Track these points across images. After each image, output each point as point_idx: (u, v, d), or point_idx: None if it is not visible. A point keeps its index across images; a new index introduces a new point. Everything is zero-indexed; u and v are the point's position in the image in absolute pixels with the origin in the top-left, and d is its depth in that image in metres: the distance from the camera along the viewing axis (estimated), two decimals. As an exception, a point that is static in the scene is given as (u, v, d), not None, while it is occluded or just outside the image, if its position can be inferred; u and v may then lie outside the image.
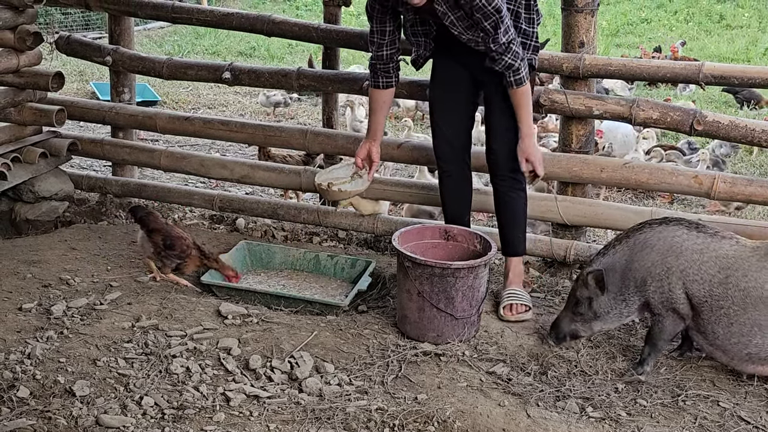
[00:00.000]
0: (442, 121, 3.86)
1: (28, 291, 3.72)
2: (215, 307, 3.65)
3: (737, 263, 3.10)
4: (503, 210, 3.83)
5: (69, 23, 12.54)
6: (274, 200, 4.93)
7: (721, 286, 3.10)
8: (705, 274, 3.12)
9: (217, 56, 11.31)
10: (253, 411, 2.93)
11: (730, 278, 3.09)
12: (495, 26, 3.42)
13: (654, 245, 3.20)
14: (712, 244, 3.15)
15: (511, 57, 3.50)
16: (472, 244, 3.71)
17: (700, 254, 3.14)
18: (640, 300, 3.26)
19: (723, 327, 3.12)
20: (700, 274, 3.13)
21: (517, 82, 3.55)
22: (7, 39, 4.36)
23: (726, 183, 4.02)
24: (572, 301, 3.37)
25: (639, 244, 3.24)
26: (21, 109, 4.58)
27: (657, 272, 3.18)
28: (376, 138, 3.94)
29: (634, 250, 3.24)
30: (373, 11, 3.67)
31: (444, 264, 3.42)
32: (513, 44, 3.48)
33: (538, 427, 2.89)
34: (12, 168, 4.39)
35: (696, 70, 3.99)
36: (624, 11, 15.89)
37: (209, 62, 5.02)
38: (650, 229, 3.26)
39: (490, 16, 3.40)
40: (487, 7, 3.38)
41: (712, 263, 3.13)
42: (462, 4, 3.41)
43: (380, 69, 3.81)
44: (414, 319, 3.48)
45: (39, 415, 2.82)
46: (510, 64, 3.51)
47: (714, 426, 2.98)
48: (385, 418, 2.90)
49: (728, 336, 3.12)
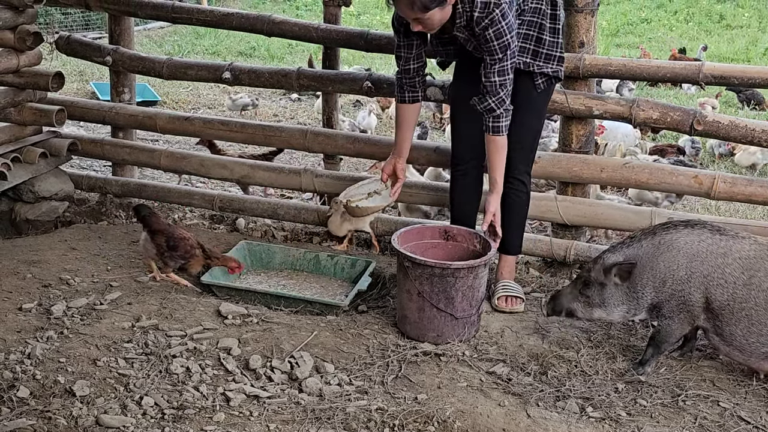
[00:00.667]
0: (463, 120, 3.86)
1: (28, 291, 3.72)
2: (215, 307, 3.65)
3: (758, 263, 3.10)
4: (506, 210, 3.83)
5: (69, 23, 12.55)
6: (274, 200, 4.93)
7: (744, 287, 3.10)
8: (729, 276, 3.12)
9: (217, 56, 11.31)
10: (253, 411, 2.93)
11: (753, 279, 3.09)
12: (493, 63, 3.46)
13: (681, 248, 3.19)
14: (734, 246, 3.15)
15: (496, 101, 3.51)
16: (472, 244, 3.72)
17: (723, 257, 3.14)
18: (653, 300, 3.24)
19: (743, 328, 3.12)
20: (724, 277, 3.12)
21: (494, 129, 3.56)
22: (7, 39, 4.36)
23: (726, 183, 4.02)
24: (582, 280, 3.35)
25: (665, 244, 3.22)
26: (21, 109, 4.58)
27: (680, 275, 3.17)
28: (402, 155, 3.91)
29: (660, 249, 3.22)
30: (400, 26, 3.64)
31: (444, 264, 3.42)
32: (502, 90, 3.50)
33: (538, 427, 2.89)
34: (12, 168, 4.39)
35: (696, 70, 4.00)
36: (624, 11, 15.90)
37: (209, 62, 5.02)
38: (676, 230, 3.24)
39: (494, 54, 3.44)
40: (494, 43, 3.41)
41: (736, 265, 3.12)
42: (477, 34, 3.44)
43: (406, 83, 3.79)
44: (414, 319, 3.48)
45: (39, 415, 2.82)
46: (492, 108, 3.53)
47: (714, 426, 2.98)
48: (385, 418, 2.90)
49: (747, 336, 3.12)
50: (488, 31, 3.39)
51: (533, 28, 3.64)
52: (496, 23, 3.38)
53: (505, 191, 3.82)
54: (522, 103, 3.69)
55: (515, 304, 3.82)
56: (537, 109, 3.78)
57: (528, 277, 4.22)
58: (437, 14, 3.40)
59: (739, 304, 3.11)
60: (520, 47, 3.62)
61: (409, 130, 3.91)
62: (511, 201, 3.83)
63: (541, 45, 3.66)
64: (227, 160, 4.99)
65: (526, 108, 3.73)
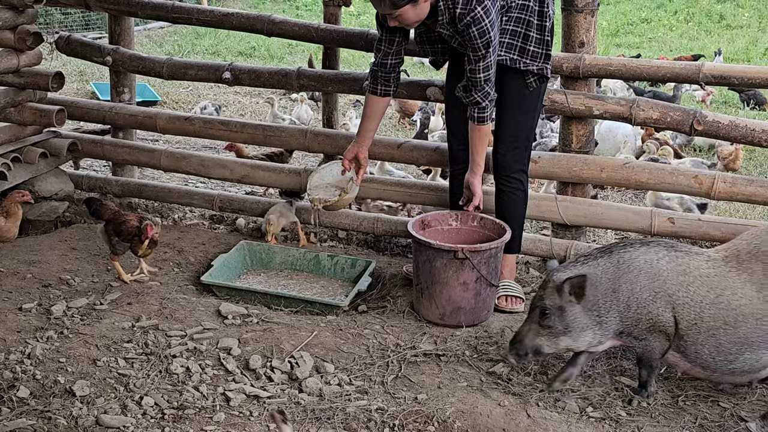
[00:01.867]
0: (457, 119, 3.88)
1: (28, 291, 3.72)
2: (215, 307, 3.65)
3: (723, 282, 2.96)
4: (504, 208, 3.85)
5: (69, 23, 12.54)
6: (274, 200, 4.92)
7: (713, 306, 2.95)
8: (694, 295, 2.97)
9: (217, 56, 11.30)
10: (253, 411, 2.93)
11: (720, 298, 2.95)
12: (478, 60, 3.48)
13: (642, 268, 3.01)
14: (692, 263, 3.00)
15: (481, 95, 3.56)
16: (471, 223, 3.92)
17: (684, 275, 2.98)
18: (618, 326, 3.04)
19: (710, 347, 2.97)
20: (689, 296, 2.97)
21: (479, 119, 3.63)
22: (7, 39, 4.36)
23: (726, 183, 4.02)
24: (538, 311, 3.07)
25: (624, 264, 3.02)
26: (21, 109, 4.57)
27: (644, 297, 2.99)
28: (365, 143, 3.95)
29: (620, 270, 3.02)
30: (384, 21, 3.66)
31: (498, 243, 3.64)
32: (487, 84, 3.54)
33: (538, 427, 2.89)
34: (12, 168, 4.38)
35: (696, 70, 4.00)
36: (624, 11, 15.89)
37: (209, 62, 5.02)
38: (633, 249, 3.05)
39: (478, 50, 3.46)
40: (477, 41, 3.44)
41: (699, 283, 2.97)
42: (460, 31, 3.45)
43: (381, 77, 3.83)
44: (470, 307, 3.62)
45: (39, 415, 2.82)
46: (477, 101, 3.58)
47: (714, 426, 2.98)
48: (385, 418, 2.90)
49: (714, 354, 2.98)
50: (471, 28, 3.41)
51: (520, 25, 3.64)
52: (479, 20, 3.39)
53: (503, 190, 3.85)
54: (514, 102, 3.72)
55: (515, 304, 3.83)
56: (529, 108, 3.79)
57: (528, 277, 4.22)
58: (410, 11, 3.44)
59: (707, 324, 2.96)
60: (507, 44, 3.63)
61: (375, 122, 3.96)
62: (508, 199, 3.85)
63: (528, 42, 3.66)
64: (227, 160, 4.99)
65: (518, 107, 3.75)
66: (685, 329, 2.99)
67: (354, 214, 4.60)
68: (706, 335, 2.97)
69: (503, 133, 3.82)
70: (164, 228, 4.68)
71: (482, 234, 3.83)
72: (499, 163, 3.84)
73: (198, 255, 4.30)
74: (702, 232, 4.11)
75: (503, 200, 3.87)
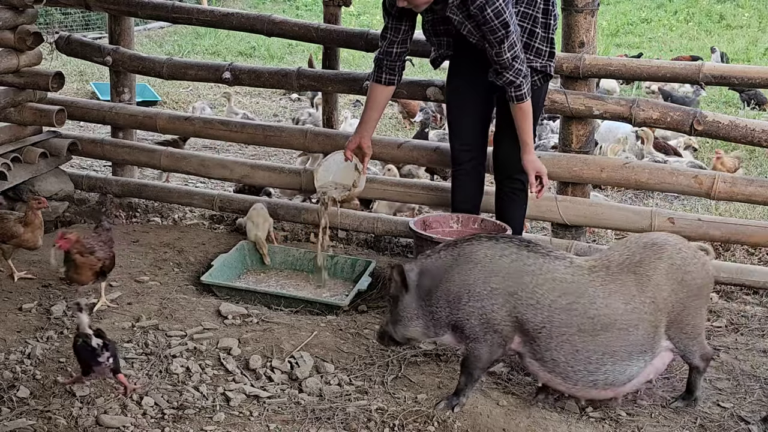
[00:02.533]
0: (459, 119, 3.86)
1: (28, 291, 3.72)
2: (215, 307, 3.65)
3: (581, 288, 2.85)
4: (504, 209, 3.84)
5: (69, 23, 12.54)
6: (274, 200, 4.92)
7: (564, 312, 2.83)
8: (542, 298, 2.84)
9: (217, 56, 11.30)
10: (253, 411, 2.93)
11: (575, 305, 2.84)
12: (500, 41, 3.41)
13: (480, 261, 2.90)
14: (545, 266, 2.88)
15: (513, 74, 3.49)
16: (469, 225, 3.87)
17: (533, 276, 2.86)
18: (449, 319, 2.94)
19: (565, 354, 2.85)
20: (535, 298, 2.85)
21: (517, 98, 3.54)
22: (7, 39, 4.36)
23: (726, 183, 4.02)
24: (390, 299, 3.07)
25: (464, 256, 2.93)
26: (21, 109, 4.57)
27: (477, 291, 2.88)
28: (368, 132, 3.89)
29: (458, 261, 2.93)
30: (392, 8, 3.63)
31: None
32: (516, 61, 3.46)
33: (538, 427, 2.89)
34: (12, 168, 4.38)
35: (696, 70, 4.00)
36: (624, 11, 15.88)
37: (209, 62, 5.02)
38: (479, 243, 2.95)
39: (497, 31, 3.39)
40: (494, 22, 3.37)
41: (548, 286, 2.85)
42: (473, 14, 3.40)
43: (386, 65, 3.78)
44: None
45: (39, 415, 2.82)
46: (511, 81, 3.50)
47: (714, 426, 2.98)
48: (385, 418, 2.90)
49: (572, 363, 2.86)
50: (486, 10, 3.35)
51: (527, 20, 3.61)
52: (493, 1, 3.34)
53: (504, 190, 3.83)
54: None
55: None
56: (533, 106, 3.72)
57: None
58: None
59: (558, 329, 2.84)
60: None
61: (378, 111, 3.90)
62: (509, 200, 3.83)
63: (533, 38, 3.63)
64: (227, 160, 4.99)
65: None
66: (534, 332, 2.87)
67: (354, 214, 4.60)
68: (559, 340, 2.85)
69: (505, 131, 3.77)
70: (164, 228, 4.68)
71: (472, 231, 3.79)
72: (500, 162, 3.83)
73: (198, 255, 4.30)
74: (702, 232, 4.11)
75: (504, 201, 3.86)
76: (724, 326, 3.78)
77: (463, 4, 3.42)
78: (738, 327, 3.77)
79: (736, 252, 4.65)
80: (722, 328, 3.76)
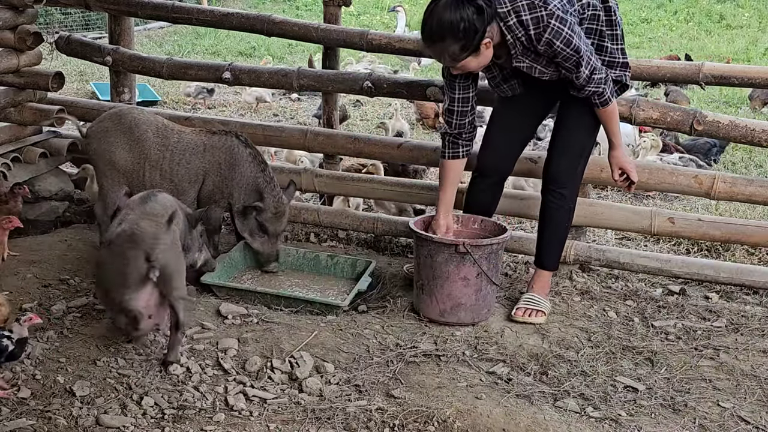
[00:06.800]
0: (499, 135, 3.81)
1: (28, 291, 3.72)
2: (215, 307, 3.65)
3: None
4: (547, 222, 3.78)
5: (69, 23, 12.53)
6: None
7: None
8: None
9: (217, 56, 11.30)
10: (253, 411, 2.93)
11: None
12: (576, 65, 3.39)
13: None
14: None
15: (594, 86, 3.46)
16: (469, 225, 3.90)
17: None
18: None
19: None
20: None
21: (602, 103, 3.53)
22: (7, 39, 4.36)
23: (726, 183, 4.02)
24: None
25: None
26: (21, 109, 4.58)
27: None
28: (449, 212, 3.80)
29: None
30: (456, 77, 3.56)
31: (500, 239, 3.65)
32: (595, 74, 3.43)
33: (538, 427, 2.89)
34: (12, 168, 4.39)
35: (696, 70, 3.99)
36: (624, 11, 15.84)
37: (209, 62, 5.02)
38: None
39: (571, 58, 3.37)
40: (567, 51, 3.34)
41: None
42: (543, 52, 3.37)
43: (463, 139, 3.70)
44: (470, 303, 3.62)
45: (39, 415, 2.82)
46: (594, 92, 3.48)
47: (714, 426, 2.98)
48: (385, 418, 2.90)
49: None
50: (555, 44, 3.31)
51: (593, 36, 3.55)
52: (559, 33, 3.29)
53: (546, 203, 3.76)
54: (585, 112, 3.60)
55: (535, 316, 3.70)
56: (593, 122, 3.65)
57: (528, 277, 4.21)
58: (472, 62, 3.38)
59: None
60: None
61: (456, 186, 3.81)
62: (550, 214, 3.75)
63: (603, 53, 3.57)
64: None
65: (583, 124, 3.65)
66: None
67: (354, 214, 4.60)
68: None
69: (559, 144, 3.70)
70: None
71: (483, 236, 3.80)
72: (550, 174, 3.73)
73: (198, 255, 4.29)
74: (702, 232, 4.11)
75: (546, 214, 3.78)
76: (724, 326, 3.78)
77: (528, 48, 3.38)
78: (738, 327, 3.77)
79: (736, 252, 4.65)
80: (722, 328, 3.75)
